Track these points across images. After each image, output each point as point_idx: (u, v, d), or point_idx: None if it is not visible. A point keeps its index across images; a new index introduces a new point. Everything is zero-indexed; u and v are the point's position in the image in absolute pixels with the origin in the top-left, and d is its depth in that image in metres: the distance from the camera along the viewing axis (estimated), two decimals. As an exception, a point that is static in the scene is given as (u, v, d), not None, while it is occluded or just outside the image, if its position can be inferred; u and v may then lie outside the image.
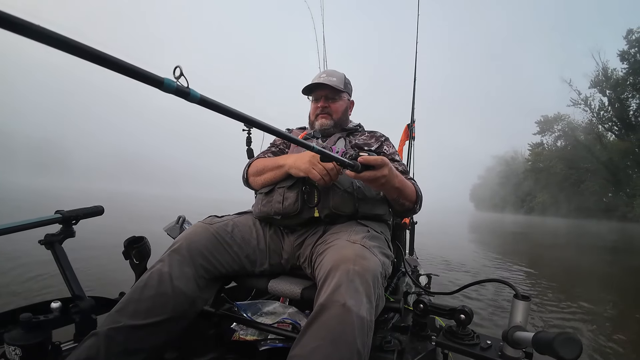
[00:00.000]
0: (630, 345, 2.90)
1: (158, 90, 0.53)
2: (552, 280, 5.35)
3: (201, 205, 24.67)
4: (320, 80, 1.54)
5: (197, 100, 0.58)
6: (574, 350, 0.70)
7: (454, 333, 1.04)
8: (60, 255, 1.15)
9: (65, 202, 15.21)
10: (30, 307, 1.14)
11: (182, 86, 0.55)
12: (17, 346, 0.93)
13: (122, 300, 1.01)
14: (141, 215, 13.29)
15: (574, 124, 45.73)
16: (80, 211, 1.22)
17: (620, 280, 6.19)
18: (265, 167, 1.37)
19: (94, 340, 0.92)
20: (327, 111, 1.56)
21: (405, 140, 2.57)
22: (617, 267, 7.72)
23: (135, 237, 1.33)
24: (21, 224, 1.05)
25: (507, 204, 67.03)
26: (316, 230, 1.28)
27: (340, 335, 0.81)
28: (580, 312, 3.73)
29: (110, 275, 3.78)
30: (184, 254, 1.10)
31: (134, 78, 0.50)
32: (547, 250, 10.48)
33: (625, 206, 35.30)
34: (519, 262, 7.14)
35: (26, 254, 4.25)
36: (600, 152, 38.79)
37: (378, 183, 1.07)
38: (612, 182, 37.85)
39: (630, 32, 35.45)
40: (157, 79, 0.52)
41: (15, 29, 0.37)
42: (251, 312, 1.30)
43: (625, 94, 36.49)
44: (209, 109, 0.61)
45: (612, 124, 39.24)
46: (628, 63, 35.81)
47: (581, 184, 41.03)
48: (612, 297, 4.72)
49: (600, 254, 10.03)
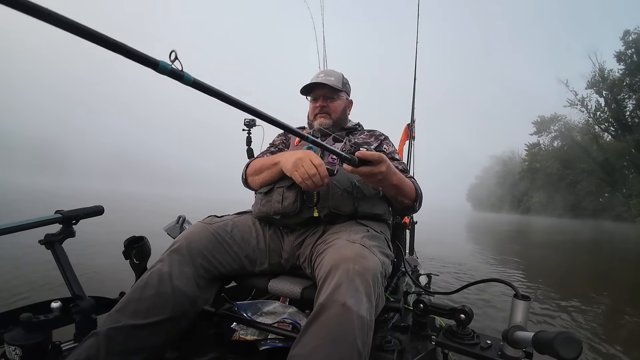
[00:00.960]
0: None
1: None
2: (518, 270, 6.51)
3: (201, 205, 24.67)
4: (319, 79, 1.54)
5: (190, 82, 0.60)
6: (574, 349, 0.70)
7: (454, 333, 1.04)
8: (61, 255, 1.15)
9: (64, 202, 15.16)
10: (30, 307, 1.14)
11: (176, 69, 0.57)
12: (17, 346, 0.93)
13: (122, 300, 1.01)
14: (139, 216, 13.30)
15: (570, 124, 45.92)
16: (81, 211, 1.22)
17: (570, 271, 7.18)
18: (263, 166, 1.37)
19: (94, 340, 0.92)
20: (325, 110, 1.56)
21: (405, 140, 2.57)
22: (577, 260, 8.78)
23: (136, 237, 1.33)
24: (21, 223, 1.04)
25: (504, 203, 67.29)
26: (316, 230, 1.28)
27: (340, 335, 0.81)
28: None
29: (105, 275, 3.79)
30: (183, 254, 1.09)
31: (131, 59, 0.53)
32: (521, 247, 11.50)
33: (622, 206, 35.45)
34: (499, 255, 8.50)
35: (26, 254, 4.25)
36: (597, 153, 38.88)
37: (375, 179, 1.08)
38: (608, 183, 37.99)
39: (627, 33, 35.58)
40: (152, 61, 0.55)
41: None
42: (251, 311, 1.30)
43: (622, 95, 36.55)
44: (202, 92, 0.64)
45: (608, 124, 39.32)
46: (625, 64, 35.91)
47: (577, 184, 41.15)
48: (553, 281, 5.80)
49: (563, 250, 11.17)
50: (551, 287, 5.15)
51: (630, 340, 3.07)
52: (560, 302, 4.10)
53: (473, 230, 19.30)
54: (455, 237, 13.15)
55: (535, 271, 6.67)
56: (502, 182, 71.95)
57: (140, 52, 0.53)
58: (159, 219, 2.23)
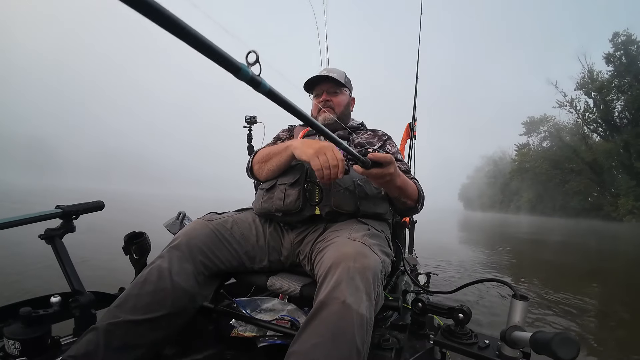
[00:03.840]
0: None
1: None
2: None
3: (202, 206, 24.44)
4: (321, 74, 1.55)
5: (265, 91, 0.55)
6: (571, 350, 0.71)
7: (452, 332, 1.05)
8: (61, 250, 1.14)
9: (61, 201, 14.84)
10: (29, 302, 1.13)
11: (255, 75, 0.51)
12: (16, 340, 0.93)
13: (121, 296, 1.01)
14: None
15: (559, 125, 46.39)
16: (81, 206, 1.21)
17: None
18: (271, 151, 1.34)
19: (93, 335, 0.92)
20: (329, 105, 1.56)
21: (406, 139, 2.57)
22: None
23: (135, 233, 1.32)
24: (21, 218, 1.04)
25: (495, 202, 67.98)
26: (316, 228, 1.28)
27: (339, 333, 0.82)
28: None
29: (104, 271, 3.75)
30: (183, 250, 1.09)
31: (214, 60, 0.46)
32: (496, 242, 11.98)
33: (610, 205, 35.96)
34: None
35: (26, 248, 4.21)
36: (585, 153, 39.35)
37: (383, 180, 1.08)
38: (597, 182, 38.53)
39: (617, 35, 36.01)
40: (235, 65, 0.48)
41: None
42: (250, 308, 1.30)
43: (610, 96, 36.97)
44: (273, 101, 0.58)
45: (597, 125, 39.74)
46: (613, 65, 36.32)
47: (566, 184, 41.67)
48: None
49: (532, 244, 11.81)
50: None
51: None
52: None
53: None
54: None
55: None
56: (493, 182, 72.65)
57: (225, 53, 0.46)
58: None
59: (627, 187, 33.21)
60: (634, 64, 34.19)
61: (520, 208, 53.42)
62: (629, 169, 33.90)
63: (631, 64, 34.45)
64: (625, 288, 5.41)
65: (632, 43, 35.21)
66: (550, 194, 44.70)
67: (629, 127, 35.14)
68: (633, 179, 32.91)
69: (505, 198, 62.08)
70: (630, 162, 33.28)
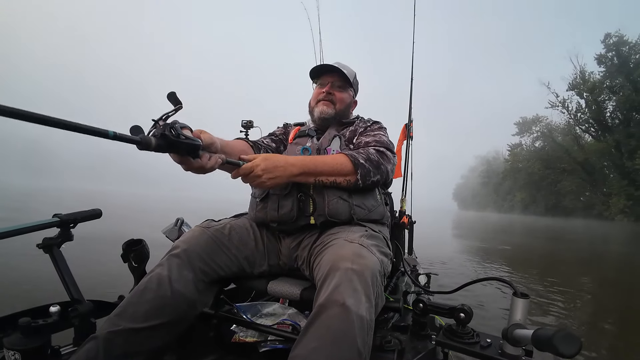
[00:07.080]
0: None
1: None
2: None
3: (202, 206, 24.26)
4: (333, 64, 1.50)
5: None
6: (573, 346, 0.71)
7: (453, 332, 1.04)
8: (59, 259, 1.13)
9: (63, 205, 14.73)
10: (29, 311, 1.12)
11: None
12: (16, 351, 0.92)
13: (121, 304, 1.00)
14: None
15: (552, 125, 46.70)
16: (79, 214, 1.20)
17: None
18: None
19: (93, 344, 0.91)
20: (330, 98, 1.51)
21: (403, 140, 2.57)
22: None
23: (134, 240, 1.32)
24: (19, 227, 1.03)
25: (489, 202, 68.33)
26: (312, 233, 1.28)
27: (340, 335, 0.82)
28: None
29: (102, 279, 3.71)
30: (182, 258, 1.09)
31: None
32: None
33: (602, 205, 36.22)
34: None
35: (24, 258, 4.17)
36: (578, 153, 39.62)
37: (258, 181, 1.11)
38: (589, 182, 38.82)
39: (608, 36, 36.36)
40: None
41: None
42: (251, 313, 1.30)
43: (602, 97, 37.26)
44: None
45: (589, 125, 39.99)
46: (605, 66, 36.67)
47: (558, 184, 41.95)
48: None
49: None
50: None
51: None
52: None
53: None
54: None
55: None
56: (486, 181, 73.03)
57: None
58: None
59: (619, 187, 33.44)
60: (626, 65, 34.50)
61: (514, 207, 53.70)
62: (620, 168, 34.15)
63: (623, 65, 34.77)
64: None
65: (623, 44, 35.55)
66: (542, 194, 44.97)
67: (621, 127, 35.46)
68: (624, 179, 33.16)
69: (498, 198, 62.38)
70: (622, 161, 33.50)
